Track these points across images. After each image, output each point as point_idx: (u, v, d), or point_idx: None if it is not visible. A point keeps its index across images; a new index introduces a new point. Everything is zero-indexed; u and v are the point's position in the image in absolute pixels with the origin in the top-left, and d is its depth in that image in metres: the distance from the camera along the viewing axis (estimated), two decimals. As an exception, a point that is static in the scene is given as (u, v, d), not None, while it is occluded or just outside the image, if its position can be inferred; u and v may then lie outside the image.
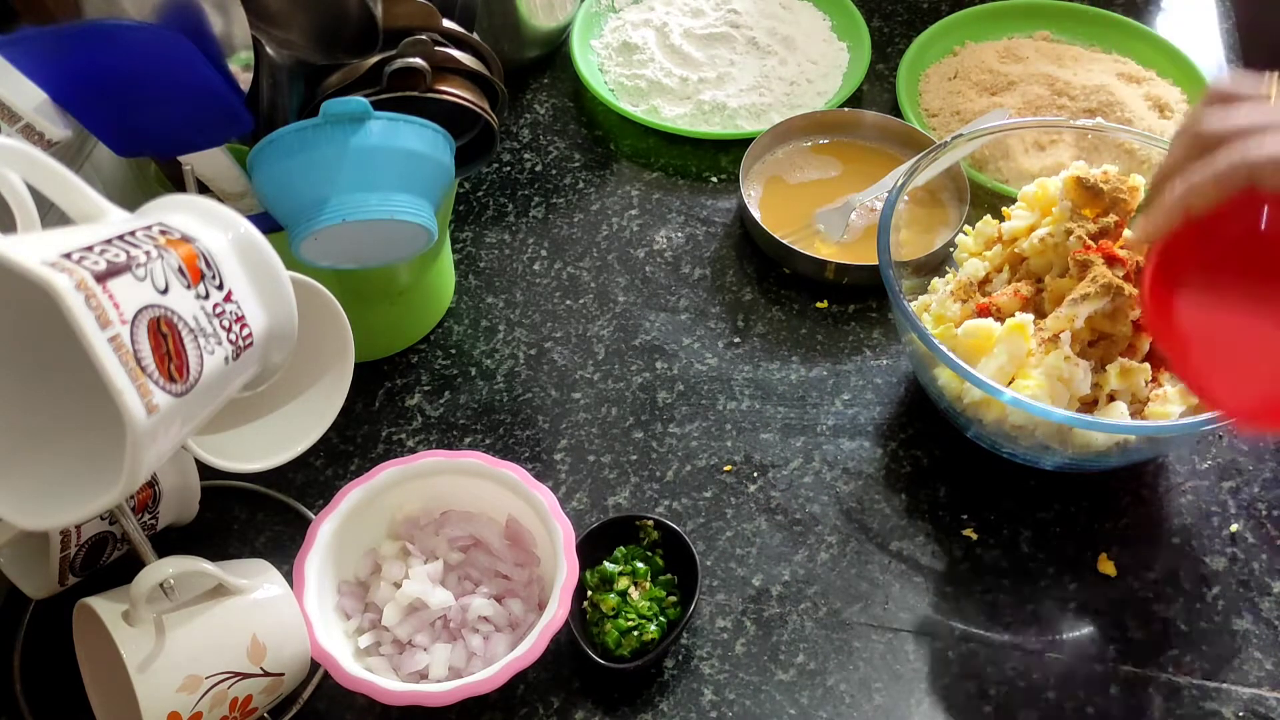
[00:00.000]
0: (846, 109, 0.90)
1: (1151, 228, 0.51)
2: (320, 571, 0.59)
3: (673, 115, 0.91)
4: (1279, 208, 0.50)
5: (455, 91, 0.61)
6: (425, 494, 0.64)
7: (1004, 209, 0.73)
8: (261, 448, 0.56)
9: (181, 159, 0.58)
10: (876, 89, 0.95)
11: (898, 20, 1.00)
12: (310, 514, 0.69)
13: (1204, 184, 0.48)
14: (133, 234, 0.39)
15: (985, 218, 0.74)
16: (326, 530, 0.60)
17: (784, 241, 0.79)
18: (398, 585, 0.60)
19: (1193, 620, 0.62)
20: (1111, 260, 0.64)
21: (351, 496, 0.61)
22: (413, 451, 0.72)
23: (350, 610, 0.61)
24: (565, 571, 0.58)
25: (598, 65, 0.96)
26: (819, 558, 0.66)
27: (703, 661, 0.62)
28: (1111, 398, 0.64)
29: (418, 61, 0.59)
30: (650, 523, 0.63)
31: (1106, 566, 0.65)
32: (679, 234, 0.84)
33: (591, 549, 0.62)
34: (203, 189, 0.60)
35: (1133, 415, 0.63)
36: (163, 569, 0.52)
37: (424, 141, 0.59)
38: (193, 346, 0.38)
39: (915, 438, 0.71)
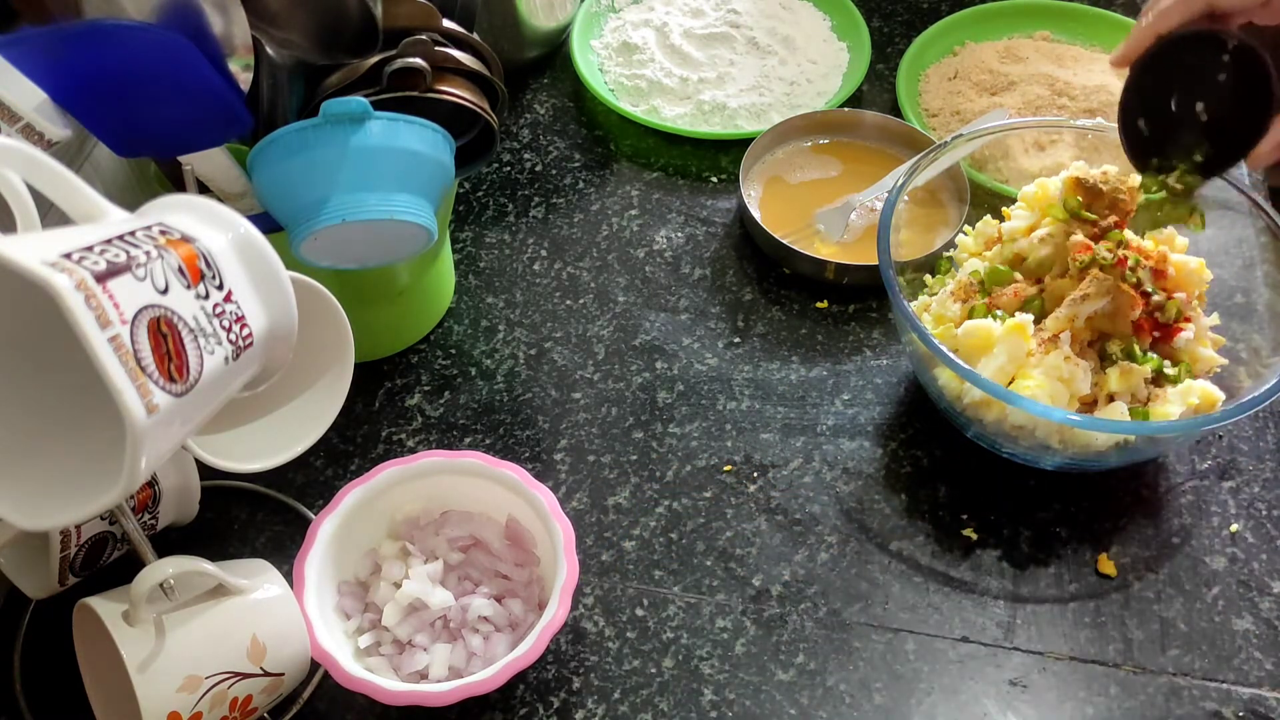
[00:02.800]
0: (846, 109, 0.90)
1: (1127, 49, 0.64)
2: (320, 571, 0.59)
3: (673, 115, 0.91)
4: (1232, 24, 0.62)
5: (455, 91, 0.61)
6: (425, 494, 0.64)
7: (1004, 209, 0.73)
8: (261, 448, 0.56)
9: (181, 159, 0.58)
10: (876, 89, 0.95)
11: (898, 20, 1.01)
12: (310, 514, 0.69)
13: (1170, 7, 0.61)
14: (133, 234, 0.39)
15: (985, 218, 0.74)
16: (326, 530, 0.60)
17: (784, 241, 0.79)
18: (398, 585, 0.60)
19: (1193, 620, 0.62)
20: (1100, 237, 0.65)
21: (351, 496, 0.61)
22: (413, 451, 0.72)
23: (350, 610, 0.61)
24: (565, 571, 0.58)
25: (598, 65, 0.96)
26: (819, 558, 0.66)
27: (703, 661, 0.62)
28: (1111, 398, 0.64)
29: (418, 61, 0.59)
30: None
31: (1106, 566, 0.65)
32: (679, 234, 0.84)
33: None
34: (203, 189, 0.60)
35: (1132, 415, 0.63)
36: (163, 569, 0.52)
37: (424, 141, 0.59)
38: (193, 346, 0.38)
39: (915, 438, 0.71)
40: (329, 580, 0.60)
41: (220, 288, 0.41)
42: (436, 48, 0.60)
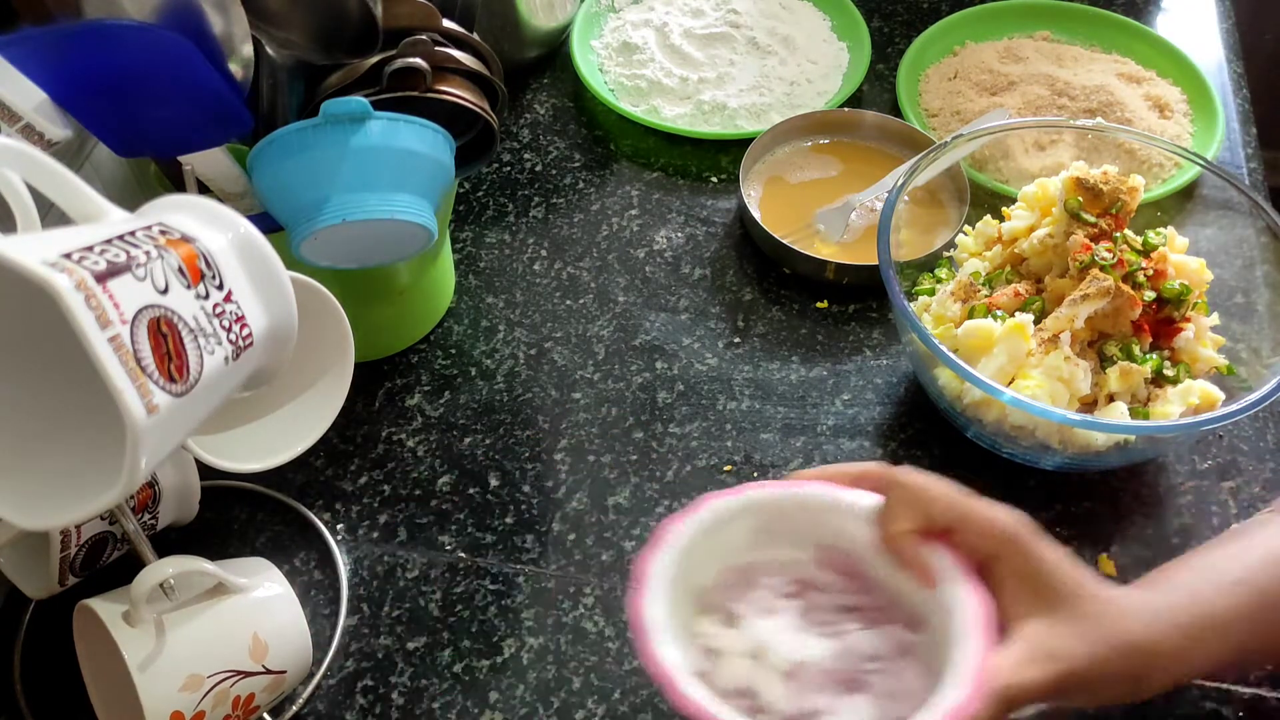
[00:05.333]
0: (846, 109, 0.90)
1: None
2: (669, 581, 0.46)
3: (673, 115, 0.91)
4: None
5: (455, 91, 0.62)
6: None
7: (1004, 209, 0.73)
8: (261, 448, 0.56)
9: (181, 159, 0.58)
10: (876, 89, 0.95)
11: (898, 20, 1.00)
12: (310, 514, 0.69)
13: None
14: (133, 234, 0.39)
15: (985, 218, 0.74)
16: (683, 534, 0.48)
17: (784, 241, 0.79)
18: (752, 655, 0.46)
19: (1193, 620, 0.62)
20: (1099, 238, 0.65)
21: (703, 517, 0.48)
22: (413, 452, 0.72)
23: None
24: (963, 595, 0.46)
25: (598, 65, 0.96)
26: (819, 558, 0.66)
27: (703, 661, 0.62)
28: (1111, 398, 0.64)
29: (418, 61, 0.59)
30: None
31: (1107, 566, 0.65)
32: (679, 234, 0.84)
33: None
34: (203, 189, 0.60)
35: (1133, 415, 0.63)
36: (163, 569, 0.52)
37: (424, 141, 0.59)
38: (193, 346, 0.38)
39: (915, 438, 0.71)
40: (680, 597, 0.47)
41: (220, 288, 0.41)
42: (436, 48, 0.60)
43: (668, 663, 0.43)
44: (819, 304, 0.79)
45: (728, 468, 0.70)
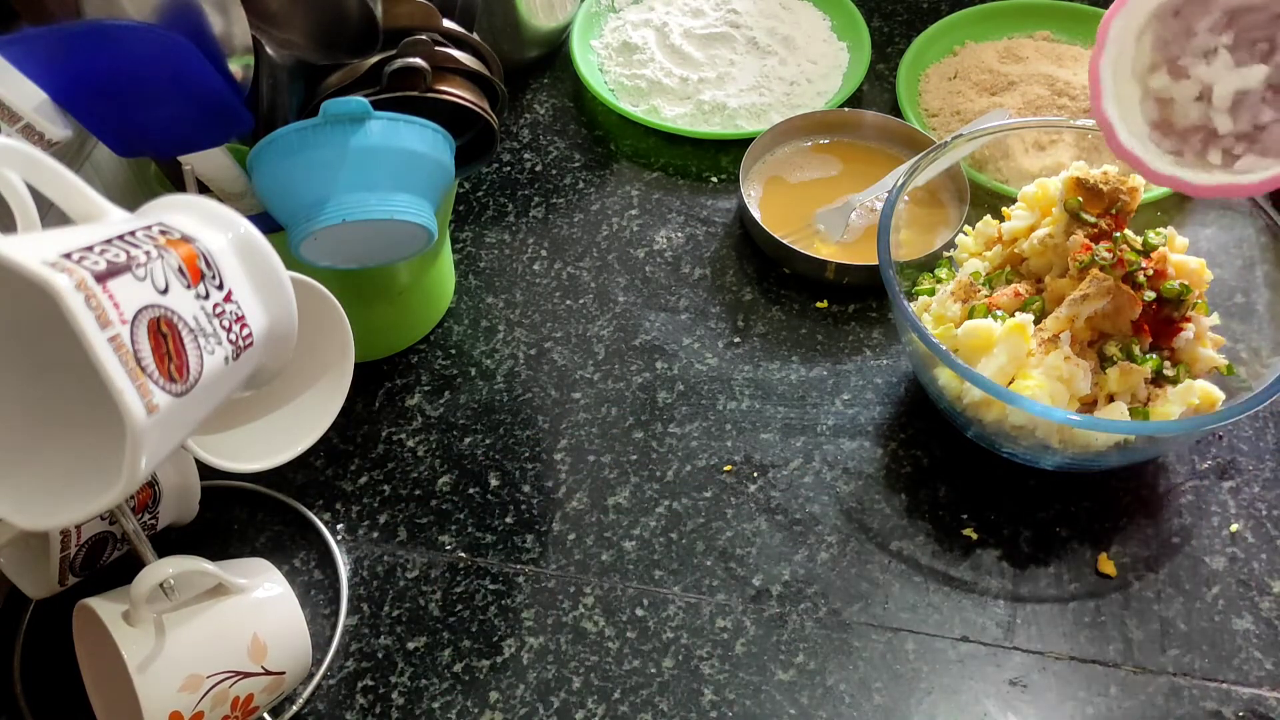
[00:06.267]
0: (846, 109, 0.90)
1: None
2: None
3: (673, 115, 0.91)
4: None
5: (455, 91, 0.62)
6: None
7: (1004, 209, 0.73)
8: (261, 448, 0.56)
9: (181, 159, 0.58)
10: (876, 89, 0.95)
11: (898, 20, 1.01)
12: (310, 514, 0.69)
13: None
14: (133, 234, 0.39)
15: (985, 218, 0.74)
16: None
17: (784, 241, 0.79)
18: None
19: (1193, 620, 0.63)
20: (1099, 238, 0.64)
21: None
22: (413, 452, 0.72)
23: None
24: None
25: (598, 65, 0.96)
26: (819, 558, 0.66)
27: (703, 661, 0.62)
28: (1111, 398, 0.64)
29: (418, 61, 0.59)
30: None
31: (1106, 566, 0.65)
32: (679, 234, 0.84)
33: None
34: (203, 189, 0.60)
35: (1132, 415, 0.63)
36: (163, 569, 0.52)
37: (424, 141, 0.59)
38: (193, 346, 0.38)
39: (915, 438, 0.72)
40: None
41: (220, 288, 0.41)
42: (436, 48, 0.61)
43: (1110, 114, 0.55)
44: (819, 304, 0.79)
45: (728, 467, 0.70)
